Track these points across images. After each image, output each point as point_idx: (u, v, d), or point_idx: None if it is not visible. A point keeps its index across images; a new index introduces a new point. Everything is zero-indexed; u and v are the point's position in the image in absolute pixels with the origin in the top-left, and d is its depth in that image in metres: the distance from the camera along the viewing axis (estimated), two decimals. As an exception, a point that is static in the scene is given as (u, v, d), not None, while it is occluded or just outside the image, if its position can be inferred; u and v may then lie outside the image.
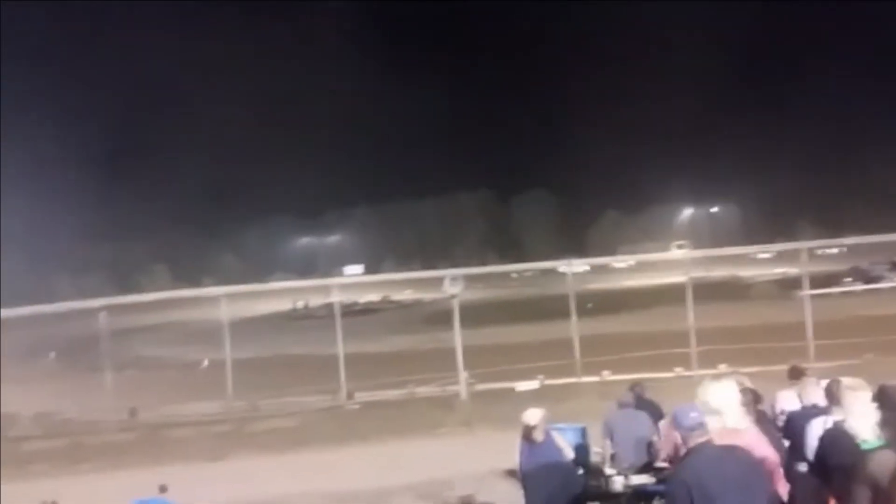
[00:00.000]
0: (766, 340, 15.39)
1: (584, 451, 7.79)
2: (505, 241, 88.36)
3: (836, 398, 4.98)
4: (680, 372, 15.09)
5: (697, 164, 78.91)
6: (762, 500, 3.96)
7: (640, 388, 8.55)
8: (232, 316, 18.34)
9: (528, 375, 15.87)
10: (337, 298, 18.60)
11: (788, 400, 6.25)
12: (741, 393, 4.83)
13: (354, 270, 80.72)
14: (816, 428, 4.94)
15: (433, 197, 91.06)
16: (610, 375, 15.44)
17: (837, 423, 4.68)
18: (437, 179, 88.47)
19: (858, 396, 4.64)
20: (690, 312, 15.91)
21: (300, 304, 49.45)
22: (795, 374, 7.11)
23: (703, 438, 3.98)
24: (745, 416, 4.65)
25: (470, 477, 9.66)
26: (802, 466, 5.18)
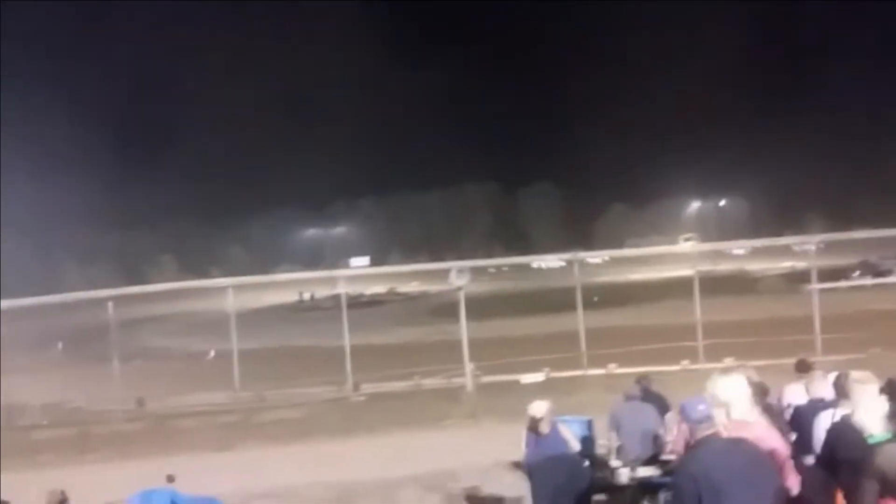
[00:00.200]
0: (773, 334, 15.35)
1: (589, 443, 7.79)
2: (511, 233, 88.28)
3: (844, 391, 4.95)
4: (686, 365, 15.08)
5: (705, 156, 78.65)
6: (769, 492, 3.95)
7: (646, 380, 8.53)
8: (238, 307, 18.41)
9: (533, 368, 15.88)
10: (343, 290, 18.63)
11: (795, 393, 6.22)
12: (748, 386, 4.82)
13: (360, 262, 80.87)
14: (824, 421, 4.92)
15: (440, 189, 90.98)
16: (616, 368, 15.43)
17: (845, 416, 4.66)
18: (443, 171, 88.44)
19: (867, 390, 4.62)
20: (697, 306, 15.88)
21: (306, 295, 49.54)
22: (803, 367, 7.08)
23: (710, 431, 3.97)
24: (753, 408, 4.62)
25: (475, 469, 9.68)
26: (809, 460, 5.16)
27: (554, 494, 6.32)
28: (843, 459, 4.47)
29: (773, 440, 4.44)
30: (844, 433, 4.54)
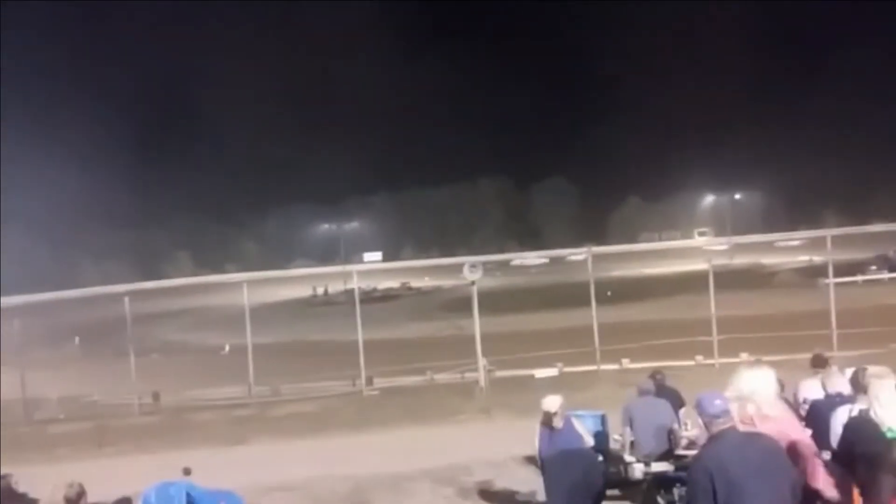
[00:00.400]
0: (788, 329, 15.22)
1: (603, 438, 7.77)
2: (524, 228, 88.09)
3: (861, 386, 4.91)
4: (701, 360, 15.00)
5: (720, 150, 78.10)
6: (785, 486, 3.92)
7: (661, 375, 8.50)
8: (253, 302, 18.49)
9: (547, 363, 15.85)
10: (356, 285, 18.66)
11: (811, 388, 6.18)
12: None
13: (374, 257, 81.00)
14: (841, 416, 4.88)
15: (452, 184, 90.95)
16: (629, 363, 15.38)
17: (862, 411, 4.62)
18: (456, 167, 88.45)
19: (884, 385, 4.58)
20: (712, 300, 15.78)
21: (320, 290, 49.77)
22: (818, 362, 7.02)
23: (726, 425, 3.95)
24: (778, 402, 4.57)
25: (488, 463, 9.69)
26: (826, 455, 5.12)
27: (568, 489, 6.31)
28: (860, 455, 4.43)
29: (798, 433, 4.39)
30: (861, 428, 4.50)
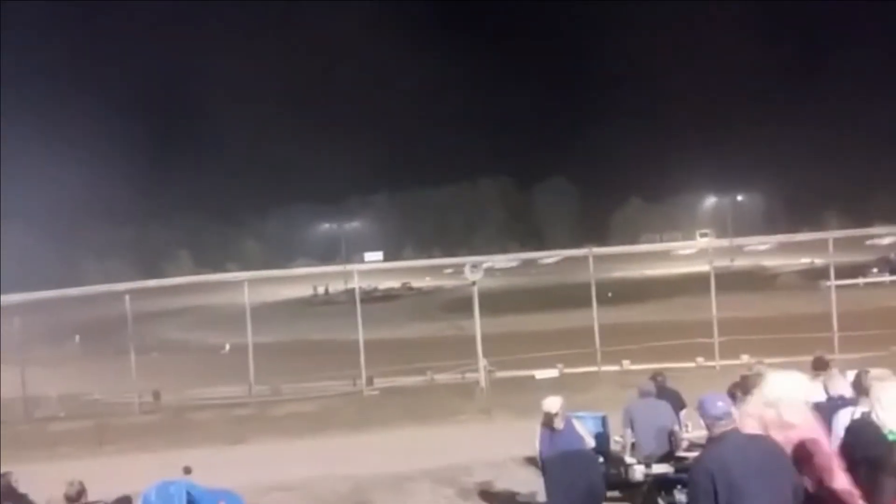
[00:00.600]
0: (790, 331, 15.20)
1: (604, 439, 7.76)
2: (525, 229, 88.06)
3: (863, 389, 4.90)
4: (702, 362, 14.99)
5: (721, 152, 77.96)
6: (787, 488, 3.91)
7: (661, 377, 8.49)
8: (254, 301, 18.50)
9: (547, 364, 15.84)
10: (357, 285, 18.65)
11: (813, 391, 6.16)
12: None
13: (375, 257, 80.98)
14: (843, 419, 4.87)
15: (453, 184, 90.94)
16: (630, 365, 15.36)
17: (864, 414, 4.61)
18: (457, 167, 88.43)
19: (886, 387, 4.57)
20: (713, 302, 15.76)
21: (321, 289, 49.80)
22: (820, 365, 7.00)
23: (728, 427, 3.95)
24: (804, 408, 4.50)
25: (489, 464, 9.68)
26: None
27: (568, 490, 6.30)
28: (862, 457, 4.42)
29: (819, 436, 4.33)
30: (864, 431, 4.48)
